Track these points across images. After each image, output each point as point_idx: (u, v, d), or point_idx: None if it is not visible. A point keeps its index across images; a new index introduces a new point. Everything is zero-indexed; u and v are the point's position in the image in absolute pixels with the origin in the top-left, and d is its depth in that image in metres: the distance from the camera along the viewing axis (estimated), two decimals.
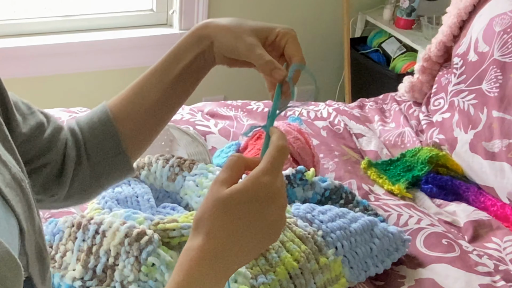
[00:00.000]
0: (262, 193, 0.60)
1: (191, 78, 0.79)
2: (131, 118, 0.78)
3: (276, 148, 0.63)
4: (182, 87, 0.79)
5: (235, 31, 0.74)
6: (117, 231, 0.97)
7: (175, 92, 0.79)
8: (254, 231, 0.61)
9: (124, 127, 0.78)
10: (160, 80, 0.78)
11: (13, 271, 0.49)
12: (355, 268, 1.13)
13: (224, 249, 0.59)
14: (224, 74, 2.69)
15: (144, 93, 0.78)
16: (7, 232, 0.55)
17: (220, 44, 0.75)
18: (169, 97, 0.79)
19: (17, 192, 0.60)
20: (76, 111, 1.67)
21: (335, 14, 2.70)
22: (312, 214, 1.15)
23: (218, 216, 0.60)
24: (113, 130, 0.78)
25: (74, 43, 2.31)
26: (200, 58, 0.77)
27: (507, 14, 1.56)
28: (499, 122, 1.48)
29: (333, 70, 2.86)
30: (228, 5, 2.51)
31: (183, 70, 0.78)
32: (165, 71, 0.78)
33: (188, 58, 0.77)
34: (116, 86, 2.55)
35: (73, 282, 0.98)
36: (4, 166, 0.60)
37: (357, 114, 1.82)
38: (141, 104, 0.78)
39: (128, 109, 0.79)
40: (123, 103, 0.79)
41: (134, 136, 0.79)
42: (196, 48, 0.77)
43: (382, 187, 1.49)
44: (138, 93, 0.79)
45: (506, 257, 1.29)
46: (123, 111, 0.79)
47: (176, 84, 0.78)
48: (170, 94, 0.78)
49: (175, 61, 0.78)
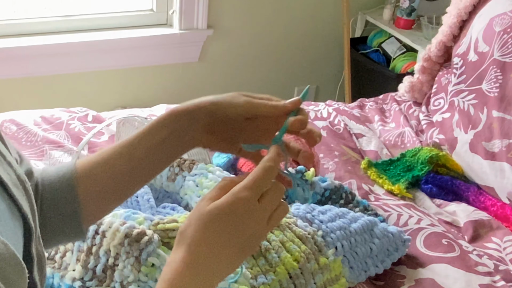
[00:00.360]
0: (240, 208, 0.63)
1: (161, 157, 0.76)
2: (94, 183, 0.75)
3: (263, 167, 0.66)
4: (150, 164, 0.76)
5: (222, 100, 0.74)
6: (117, 231, 0.97)
7: (142, 168, 0.76)
8: (233, 244, 0.64)
9: (85, 190, 0.75)
10: (129, 153, 0.75)
11: (18, 273, 0.49)
12: (355, 268, 1.13)
13: (205, 262, 0.62)
14: (224, 74, 2.69)
15: (112, 162, 0.75)
16: (13, 233, 0.55)
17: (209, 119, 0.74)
18: (136, 172, 0.76)
19: (22, 192, 0.60)
20: (76, 111, 1.67)
21: (335, 14, 2.70)
22: (312, 214, 1.15)
23: (199, 230, 0.63)
24: (73, 193, 0.74)
25: (74, 43, 2.31)
26: (174, 138, 0.75)
27: (507, 14, 1.56)
28: (499, 122, 1.48)
29: (333, 70, 2.86)
30: (228, 5, 2.51)
31: (153, 147, 0.74)
32: (135, 145, 0.75)
33: (160, 138, 0.74)
34: (116, 86, 2.56)
35: (73, 283, 0.98)
36: (9, 167, 0.60)
37: (357, 114, 1.82)
38: (106, 172, 0.75)
39: (93, 174, 0.75)
40: (90, 166, 0.76)
41: (94, 202, 0.76)
42: (171, 128, 0.74)
43: (382, 187, 1.49)
44: (107, 160, 0.76)
45: (506, 257, 1.29)
46: (88, 175, 0.75)
47: (145, 160, 0.75)
48: (137, 168, 0.75)
49: (148, 136, 0.75)
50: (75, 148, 1.46)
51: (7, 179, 0.57)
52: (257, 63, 2.72)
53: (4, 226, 0.53)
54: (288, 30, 2.69)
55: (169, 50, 2.50)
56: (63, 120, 1.62)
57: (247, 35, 2.63)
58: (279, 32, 2.68)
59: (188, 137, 0.75)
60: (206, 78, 2.67)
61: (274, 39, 2.69)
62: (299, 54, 2.76)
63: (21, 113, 1.64)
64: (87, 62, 2.41)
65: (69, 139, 1.55)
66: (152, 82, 2.57)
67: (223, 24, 2.55)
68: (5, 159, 0.60)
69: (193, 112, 0.74)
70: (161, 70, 2.55)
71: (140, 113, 1.68)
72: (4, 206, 0.55)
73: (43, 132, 1.55)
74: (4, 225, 0.53)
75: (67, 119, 1.62)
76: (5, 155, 0.61)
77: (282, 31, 2.68)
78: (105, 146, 1.53)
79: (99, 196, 0.76)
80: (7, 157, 0.61)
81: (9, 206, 0.56)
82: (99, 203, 0.77)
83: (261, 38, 2.66)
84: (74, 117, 1.64)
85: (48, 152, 1.48)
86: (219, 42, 2.58)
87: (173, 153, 0.77)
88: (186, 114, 0.74)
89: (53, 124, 1.60)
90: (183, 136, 0.74)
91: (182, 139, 0.75)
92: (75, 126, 1.60)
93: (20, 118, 1.60)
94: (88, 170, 0.75)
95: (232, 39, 2.61)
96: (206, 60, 2.61)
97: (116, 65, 2.46)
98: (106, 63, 2.44)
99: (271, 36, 2.67)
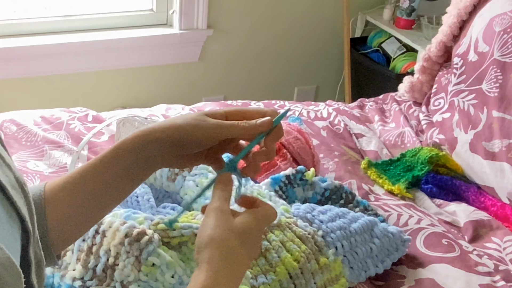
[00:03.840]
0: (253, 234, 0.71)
1: (127, 182, 0.75)
2: (60, 208, 0.73)
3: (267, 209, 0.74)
4: (117, 189, 0.75)
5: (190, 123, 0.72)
6: (117, 231, 0.97)
7: (109, 193, 0.74)
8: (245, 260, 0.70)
9: (52, 215, 0.73)
10: (95, 178, 0.73)
11: (14, 277, 0.49)
12: (355, 268, 1.13)
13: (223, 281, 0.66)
14: (224, 74, 2.69)
15: (78, 187, 0.74)
16: (11, 237, 0.55)
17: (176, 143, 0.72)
18: (102, 197, 0.74)
19: (21, 195, 0.60)
20: (76, 111, 1.67)
21: (335, 14, 2.70)
22: (312, 214, 1.15)
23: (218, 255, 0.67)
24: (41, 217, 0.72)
25: (74, 43, 2.31)
26: (141, 164, 0.73)
27: (507, 14, 1.56)
28: (499, 122, 1.48)
29: (333, 70, 2.87)
30: (228, 5, 2.51)
31: (120, 173, 0.73)
32: (102, 170, 0.73)
33: (127, 163, 0.73)
34: (116, 86, 2.56)
35: (73, 282, 0.98)
36: (8, 169, 0.60)
37: (357, 114, 1.82)
38: (72, 196, 0.74)
39: (59, 198, 0.74)
40: (57, 190, 0.74)
41: (61, 227, 0.74)
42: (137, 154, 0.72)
43: (382, 187, 1.49)
44: (73, 185, 0.74)
45: (506, 257, 1.29)
46: (54, 199, 0.74)
47: (112, 185, 0.74)
48: (103, 194, 0.74)
49: (113, 161, 0.73)
50: (75, 148, 1.46)
51: (5, 181, 0.57)
52: (257, 63, 2.72)
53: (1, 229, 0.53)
54: (288, 30, 2.69)
55: (169, 50, 2.50)
56: (63, 120, 1.62)
57: (247, 35, 2.63)
58: (279, 32, 2.68)
59: (156, 162, 0.73)
60: (206, 78, 2.67)
61: (274, 39, 2.69)
62: (299, 54, 2.76)
63: (21, 113, 1.64)
64: (87, 62, 2.41)
65: (69, 139, 1.55)
66: (152, 82, 2.57)
67: (223, 24, 2.55)
68: (4, 161, 0.60)
69: (160, 141, 0.72)
70: (161, 70, 2.55)
71: (140, 113, 1.68)
72: (1, 209, 0.55)
73: (43, 132, 1.55)
74: (1, 228, 0.53)
75: (67, 119, 1.62)
76: (4, 157, 0.60)
77: (282, 31, 2.68)
78: (105, 146, 1.53)
79: (66, 221, 0.74)
80: (6, 159, 0.60)
81: (6, 209, 0.56)
82: (66, 228, 0.74)
83: (261, 38, 2.66)
84: (74, 117, 1.64)
85: (48, 152, 1.48)
86: (219, 42, 2.58)
87: (140, 178, 0.75)
88: (153, 142, 0.72)
89: (53, 124, 1.60)
90: (151, 162, 0.73)
91: (150, 164, 0.73)
92: (75, 126, 1.60)
93: (20, 118, 1.60)
94: (55, 193, 0.74)
95: (232, 39, 2.61)
96: (206, 60, 2.61)
97: (116, 65, 2.46)
98: (106, 63, 2.45)
99: (271, 36, 2.67)
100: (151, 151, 0.72)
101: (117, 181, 0.73)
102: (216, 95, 2.69)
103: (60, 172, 1.43)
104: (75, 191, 0.73)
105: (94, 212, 0.76)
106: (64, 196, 0.73)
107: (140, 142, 0.72)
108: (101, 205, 0.75)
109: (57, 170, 1.43)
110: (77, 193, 0.73)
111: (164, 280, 0.95)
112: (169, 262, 0.96)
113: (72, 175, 0.74)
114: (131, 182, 0.75)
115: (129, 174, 0.73)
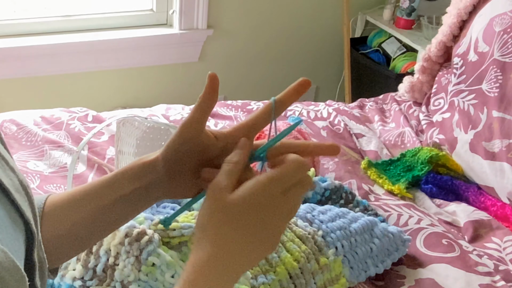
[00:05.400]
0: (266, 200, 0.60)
1: (128, 208, 0.71)
2: (56, 227, 0.71)
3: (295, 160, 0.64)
4: (115, 215, 0.71)
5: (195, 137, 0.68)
6: (117, 231, 0.97)
7: (107, 218, 0.71)
8: (256, 237, 0.61)
9: (47, 229, 0.70)
10: (93, 202, 0.70)
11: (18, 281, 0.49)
12: (355, 268, 1.13)
13: (231, 258, 0.60)
14: (224, 74, 2.69)
15: (75, 208, 0.71)
16: (14, 240, 0.54)
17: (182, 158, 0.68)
18: (99, 221, 0.72)
19: (25, 198, 0.60)
20: (76, 111, 1.67)
21: (335, 14, 2.70)
22: (312, 214, 1.15)
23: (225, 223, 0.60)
24: None
25: (74, 43, 2.31)
26: (141, 193, 0.70)
27: (507, 14, 1.56)
28: (499, 122, 1.48)
29: (333, 70, 2.86)
30: (228, 5, 2.51)
31: (119, 200, 0.70)
32: (100, 195, 0.70)
33: (126, 191, 0.69)
34: (116, 86, 2.56)
35: (73, 282, 0.98)
36: (12, 172, 0.60)
37: (357, 114, 1.82)
38: (69, 216, 0.71)
39: (56, 217, 0.71)
40: (56, 206, 0.72)
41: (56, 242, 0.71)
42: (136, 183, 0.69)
43: (382, 187, 1.49)
44: (71, 205, 0.71)
45: (506, 257, 1.29)
46: (51, 216, 0.71)
47: (110, 211, 0.71)
48: (101, 218, 0.71)
49: (113, 189, 0.70)
50: (75, 148, 1.46)
51: (9, 185, 0.57)
52: (257, 63, 2.72)
53: (4, 233, 0.53)
54: (288, 30, 2.69)
55: (169, 50, 2.50)
56: (63, 120, 1.62)
57: (247, 35, 2.63)
58: (279, 32, 2.68)
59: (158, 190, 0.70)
60: (206, 78, 2.66)
61: (274, 39, 2.69)
62: (299, 54, 2.76)
63: (21, 113, 1.64)
64: (87, 62, 2.41)
65: (69, 139, 1.55)
66: (152, 82, 2.57)
67: (223, 24, 2.55)
68: (7, 164, 0.60)
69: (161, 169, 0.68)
70: (161, 70, 2.55)
71: (140, 113, 1.68)
72: (4, 212, 0.54)
73: (43, 132, 1.55)
74: (4, 232, 0.53)
75: (67, 119, 1.62)
76: (8, 160, 0.60)
77: (282, 31, 2.68)
78: (105, 146, 1.53)
79: (60, 239, 0.72)
80: (10, 162, 0.60)
81: (9, 212, 0.56)
82: (59, 246, 0.72)
83: (261, 38, 2.66)
84: (74, 117, 1.64)
85: (48, 152, 1.48)
86: (219, 42, 2.58)
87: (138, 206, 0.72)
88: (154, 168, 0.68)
89: (53, 124, 1.60)
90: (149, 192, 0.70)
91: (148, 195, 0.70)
92: (75, 126, 1.60)
93: (20, 118, 1.60)
94: (52, 210, 0.72)
95: (232, 39, 2.61)
96: (206, 60, 2.61)
97: (116, 65, 2.46)
98: (106, 63, 2.44)
99: (271, 36, 2.67)
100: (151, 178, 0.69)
101: (114, 207, 0.70)
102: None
103: (60, 172, 1.43)
104: (71, 212, 0.71)
105: (90, 235, 0.74)
106: (60, 215, 0.71)
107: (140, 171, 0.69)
108: (97, 229, 0.73)
109: (57, 170, 1.43)
110: (73, 214, 0.71)
111: (164, 280, 0.95)
112: (169, 262, 0.96)
113: (73, 193, 0.72)
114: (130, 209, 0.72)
115: (128, 202, 0.70)
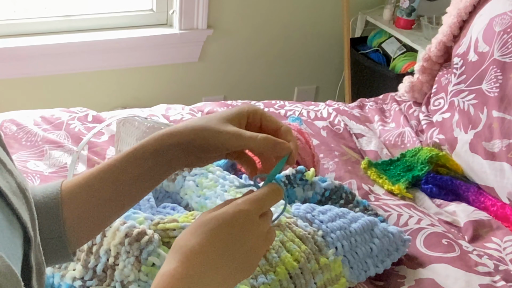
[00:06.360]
0: (241, 219, 0.63)
1: (146, 184, 0.75)
2: (78, 207, 0.73)
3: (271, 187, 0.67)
4: (135, 191, 0.74)
5: (210, 129, 0.70)
6: (117, 231, 0.97)
7: (128, 194, 0.74)
8: (231, 256, 0.62)
9: (69, 214, 0.73)
10: (114, 179, 0.73)
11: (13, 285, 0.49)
12: (355, 268, 1.13)
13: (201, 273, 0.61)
14: (224, 74, 2.69)
15: (96, 187, 0.73)
16: (11, 243, 0.54)
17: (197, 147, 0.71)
18: (120, 198, 0.74)
19: (22, 201, 0.60)
20: (76, 111, 1.67)
21: (335, 14, 2.70)
22: (312, 214, 1.15)
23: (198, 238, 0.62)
24: (58, 215, 0.72)
25: (74, 43, 2.31)
26: (162, 166, 0.73)
27: (507, 14, 1.56)
28: (499, 122, 1.48)
29: (333, 70, 2.87)
30: (228, 5, 2.51)
31: (139, 175, 0.73)
32: (121, 172, 0.73)
33: (148, 165, 0.72)
34: (116, 86, 2.56)
35: (73, 282, 0.98)
36: (10, 175, 0.60)
37: (357, 114, 1.82)
38: (91, 196, 0.73)
39: (77, 198, 0.74)
40: (75, 190, 0.74)
41: (78, 226, 0.74)
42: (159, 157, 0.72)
43: (382, 187, 1.49)
44: (91, 185, 0.74)
45: (506, 257, 1.29)
46: (72, 198, 0.74)
47: (130, 187, 0.74)
48: (122, 195, 0.74)
49: (133, 163, 0.72)
50: (75, 148, 1.46)
51: (6, 188, 0.57)
52: (257, 63, 2.73)
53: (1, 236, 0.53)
54: (288, 30, 2.69)
55: (169, 50, 2.50)
56: (63, 120, 1.62)
57: (247, 35, 2.63)
58: (279, 32, 2.68)
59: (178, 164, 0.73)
60: (206, 78, 2.67)
61: (274, 39, 2.69)
62: (299, 54, 2.76)
63: (21, 113, 1.64)
64: (87, 62, 2.41)
65: (69, 139, 1.55)
66: (152, 82, 2.57)
67: (223, 24, 2.55)
68: (5, 167, 0.60)
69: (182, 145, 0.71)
70: (161, 70, 2.55)
71: (140, 113, 1.68)
72: (2, 216, 0.55)
73: (43, 132, 1.55)
74: (1, 235, 0.53)
75: (67, 119, 1.62)
76: (6, 163, 0.60)
77: (282, 31, 2.68)
78: (105, 146, 1.53)
79: (83, 221, 0.74)
80: (8, 165, 0.60)
81: (7, 216, 0.56)
82: (82, 227, 0.75)
83: (261, 38, 2.67)
84: (74, 117, 1.64)
85: (48, 152, 1.48)
86: (219, 42, 2.58)
87: (159, 179, 0.75)
88: (175, 146, 0.71)
89: (53, 124, 1.60)
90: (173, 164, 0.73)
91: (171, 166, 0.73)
92: (75, 126, 1.60)
93: (20, 118, 1.60)
94: (72, 193, 0.74)
95: (232, 39, 2.61)
96: (206, 60, 2.61)
97: (116, 65, 2.47)
98: (106, 63, 2.45)
99: (271, 36, 2.68)
100: (173, 154, 0.72)
101: (136, 182, 0.73)
102: (216, 95, 2.69)
103: (60, 172, 1.43)
104: (94, 191, 0.73)
105: (112, 212, 0.76)
106: (81, 196, 0.73)
107: (162, 145, 0.72)
108: (119, 206, 0.75)
109: (57, 170, 1.43)
110: (95, 193, 0.73)
111: None
112: None
113: (89, 175, 0.74)
114: (150, 183, 0.75)
115: (149, 176, 0.73)
